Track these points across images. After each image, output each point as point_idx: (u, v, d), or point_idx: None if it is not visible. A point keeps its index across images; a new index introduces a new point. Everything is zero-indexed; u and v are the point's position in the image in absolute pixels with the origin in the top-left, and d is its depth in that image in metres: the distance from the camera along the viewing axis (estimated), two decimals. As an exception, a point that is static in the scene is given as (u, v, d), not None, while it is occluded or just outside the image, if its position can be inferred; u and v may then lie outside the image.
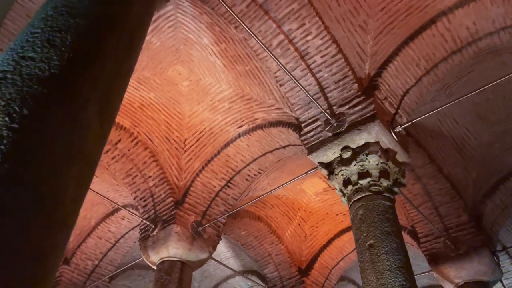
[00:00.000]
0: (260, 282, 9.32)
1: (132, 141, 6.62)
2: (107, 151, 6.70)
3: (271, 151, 6.68)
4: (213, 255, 9.35)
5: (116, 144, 6.61)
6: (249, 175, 7.00)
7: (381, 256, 3.93)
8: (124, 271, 9.85)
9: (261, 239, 8.61)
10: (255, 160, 6.84)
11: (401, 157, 4.97)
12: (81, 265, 8.45)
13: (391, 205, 4.43)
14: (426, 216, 6.93)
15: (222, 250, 9.87)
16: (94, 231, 8.44)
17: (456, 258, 6.57)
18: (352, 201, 4.57)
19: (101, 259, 8.67)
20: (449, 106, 6.41)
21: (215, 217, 6.86)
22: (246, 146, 6.64)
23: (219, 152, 6.73)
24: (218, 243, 6.87)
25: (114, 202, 7.29)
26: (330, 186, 7.86)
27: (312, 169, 5.67)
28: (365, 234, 4.19)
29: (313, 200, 8.51)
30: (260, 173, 7.01)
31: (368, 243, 4.11)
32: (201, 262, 6.56)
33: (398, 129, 4.97)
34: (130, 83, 6.12)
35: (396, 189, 4.68)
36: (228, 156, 6.75)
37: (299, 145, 6.17)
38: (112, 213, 8.33)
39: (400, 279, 3.75)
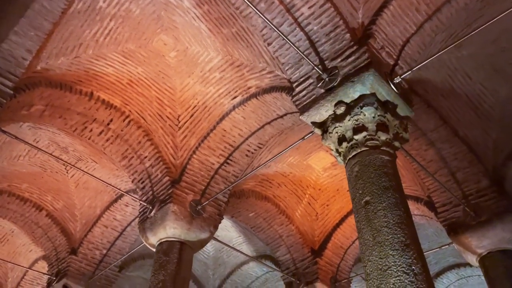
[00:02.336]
0: (274, 267, 8.96)
1: (124, 120, 6.37)
2: (100, 133, 6.49)
3: (269, 123, 6.29)
4: (225, 241, 9.08)
5: (108, 124, 6.39)
6: (248, 151, 6.64)
7: (377, 213, 3.51)
8: (135, 260, 9.74)
9: (270, 221, 8.23)
10: (253, 133, 6.47)
11: (403, 110, 4.50)
12: (88, 254, 8.31)
13: (390, 159, 3.98)
14: (443, 183, 6.39)
15: (233, 235, 9.58)
16: (99, 220, 8.28)
17: (477, 226, 6.00)
18: (348, 158, 4.15)
19: (109, 248, 8.51)
20: (460, 60, 5.88)
21: (215, 196, 6.53)
22: (242, 118, 6.28)
23: (214, 127, 6.40)
24: (219, 222, 6.53)
25: (115, 188, 7.07)
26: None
27: (309, 133, 5.25)
28: (360, 192, 3.77)
29: (322, 176, 8.06)
30: (260, 147, 6.63)
31: (363, 200, 3.69)
32: (202, 242, 6.25)
33: (397, 79, 4.49)
34: (115, 57, 5.91)
35: (396, 144, 4.22)
36: (225, 130, 6.41)
37: (296, 112, 5.76)
38: (115, 201, 8.16)
39: (399, 235, 3.31)
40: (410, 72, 4.54)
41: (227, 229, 9.38)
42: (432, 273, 10.10)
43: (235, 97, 6.14)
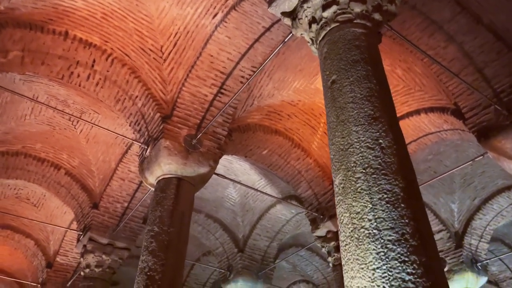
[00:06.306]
0: (300, 206, 8.50)
1: (107, 59, 6.05)
2: (88, 77, 6.22)
3: (257, 39, 5.65)
4: (248, 184, 8.74)
5: (92, 66, 6.09)
6: (242, 77, 6.06)
7: (343, 89, 2.87)
8: (160, 212, 9.68)
9: (286, 156, 7.70)
10: (243, 56, 5.87)
11: (388, -19, 3.69)
12: (110, 208, 8.35)
13: (365, 31, 3.26)
14: (470, 83, 5.47)
15: (255, 178, 9.20)
16: (115, 173, 8.22)
17: (511, 126, 5.08)
18: (318, 42, 3.48)
19: (130, 200, 8.48)
20: None
21: (213, 129, 6.11)
22: (227, 38, 5.69)
23: (200, 54, 5.88)
24: (220, 156, 6.13)
25: (123, 136, 6.85)
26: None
27: (289, 34, 4.57)
28: (327, 72, 3.12)
29: (335, 100, 7.31)
30: (254, 71, 6.03)
31: (330, 80, 3.04)
32: (202, 177, 5.89)
33: None
34: (80, -12, 5.50)
35: (377, 16, 3.46)
36: (212, 56, 5.87)
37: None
38: (126, 152, 8.02)
39: (366, 109, 2.67)
40: None
41: (247, 172, 9.02)
42: (479, 200, 9.13)
43: (215, 15, 5.54)
